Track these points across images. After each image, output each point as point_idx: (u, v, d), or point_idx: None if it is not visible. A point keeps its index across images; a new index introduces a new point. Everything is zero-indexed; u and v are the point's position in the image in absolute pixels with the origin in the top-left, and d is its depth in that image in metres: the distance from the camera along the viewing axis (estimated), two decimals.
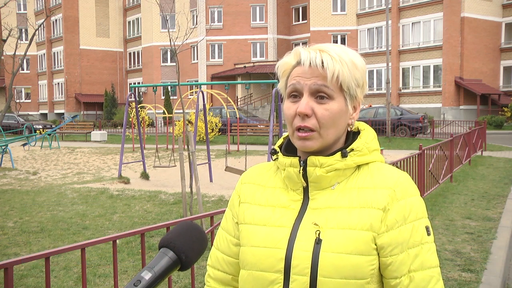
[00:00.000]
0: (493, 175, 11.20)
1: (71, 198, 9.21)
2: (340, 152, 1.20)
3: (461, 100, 32.97)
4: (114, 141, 25.90)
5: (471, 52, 33.07)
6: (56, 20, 49.47)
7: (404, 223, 1.16)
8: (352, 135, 1.27)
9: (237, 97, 39.78)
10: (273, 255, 1.19)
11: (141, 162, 12.74)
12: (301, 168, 1.21)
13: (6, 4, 18.38)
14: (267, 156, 11.22)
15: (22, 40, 38.87)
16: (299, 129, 1.19)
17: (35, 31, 17.86)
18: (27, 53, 21.25)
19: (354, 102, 1.23)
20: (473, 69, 33.09)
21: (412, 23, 34.55)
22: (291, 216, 1.21)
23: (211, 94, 27.53)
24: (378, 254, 1.16)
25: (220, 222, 3.28)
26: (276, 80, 11.56)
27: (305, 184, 1.22)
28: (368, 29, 36.94)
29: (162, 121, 32.67)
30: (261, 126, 23.85)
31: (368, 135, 1.25)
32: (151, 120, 30.97)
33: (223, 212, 3.30)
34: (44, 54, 51.19)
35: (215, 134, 23.61)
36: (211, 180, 11.53)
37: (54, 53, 50.36)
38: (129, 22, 51.56)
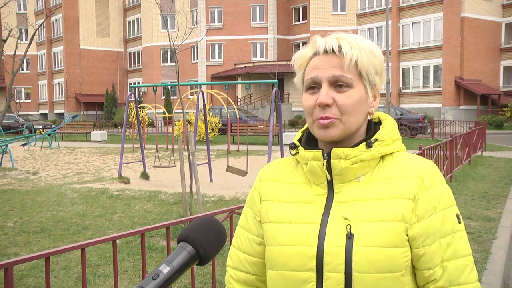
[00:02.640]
0: (493, 175, 11.19)
1: (71, 198, 9.21)
2: (364, 142, 1.18)
3: (461, 100, 32.97)
4: (114, 141, 25.90)
5: (471, 52, 33.07)
6: (56, 20, 49.46)
7: (434, 212, 1.14)
8: (373, 125, 1.25)
9: (237, 97, 39.78)
10: (303, 253, 1.15)
11: (141, 162, 12.74)
12: (325, 161, 1.18)
13: (6, 4, 18.37)
14: (267, 156, 11.21)
15: (22, 40, 38.86)
16: (320, 119, 1.16)
17: (35, 31, 17.83)
18: (27, 53, 21.25)
19: (373, 90, 1.21)
20: (473, 69, 33.09)
21: (412, 23, 34.55)
22: (318, 211, 1.18)
23: (211, 94, 27.52)
24: (410, 245, 1.14)
25: (221, 221, 3.26)
26: (276, 80, 11.59)
27: (329, 177, 1.19)
28: (368, 29, 36.94)
29: (162, 121, 32.67)
30: (261, 126, 23.85)
31: (390, 124, 1.23)
32: (151, 120, 30.97)
33: (223, 212, 3.30)
34: (44, 54, 51.19)
35: (215, 134, 23.61)
36: (211, 180, 11.53)
37: (54, 53, 50.35)
38: (129, 22, 51.56)
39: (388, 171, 1.18)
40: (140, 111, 21.86)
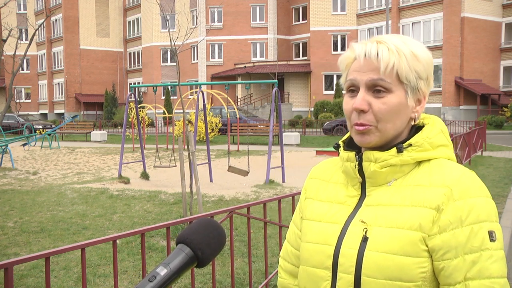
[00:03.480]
0: (493, 175, 11.19)
1: (71, 198, 9.20)
2: (396, 147, 1.15)
3: (461, 100, 32.97)
4: (114, 141, 25.89)
5: (471, 52, 33.07)
6: (56, 20, 49.46)
7: (460, 226, 1.07)
8: (415, 130, 1.21)
9: (237, 97, 39.78)
10: (323, 251, 1.17)
11: (141, 162, 12.74)
12: (357, 163, 1.18)
13: (6, 4, 18.37)
14: (267, 156, 11.21)
15: (22, 40, 38.85)
16: (356, 124, 1.15)
17: (35, 31, 17.83)
18: (27, 53, 21.24)
19: (417, 95, 1.17)
20: (473, 69, 33.09)
21: (412, 23, 34.56)
22: (346, 212, 1.19)
23: (211, 94, 27.51)
24: (431, 257, 1.09)
25: (221, 221, 3.26)
26: (276, 80, 11.57)
27: (361, 180, 1.19)
28: (368, 29, 36.93)
29: (162, 121, 32.66)
30: (261, 126, 23.85)
31: (432, 129, 1.18)
32: (151, 120, 30.97)
33: (224, 212, 3.30)
34: (44, 54, 51.19)
35: (215, 134, 23.61)
36: (211, 180, 11.53)
37: (54, 53, 50.35)
38: (129, 22, 51.56)
39: (418, 178, 1.14)
40: (140, 111, 21.86)
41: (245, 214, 3.46)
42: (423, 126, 1.21)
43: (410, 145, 1.15)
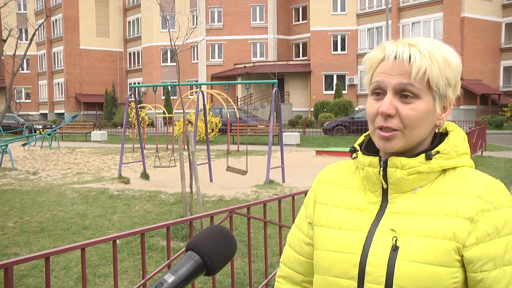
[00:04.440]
0: (493, 175, 11.08)
1: (71, 198, 9.21)
2: (424, 154, 1.12)
3: (461, 100, 32.95)
4: (114, 141, 25.90)
5: (471, 52, 33.07)
6: (56, 20, 49.46)
7: (497, 236, 1.05)
8: (439, 137, 1.18)
9: (237, 97, 39.77)
10: (347, 261, 1.13)
11: (141, 162, 12.74)
12: (381, 168, 1.14)
13: (6, 4, 18.37)
14: (267, 156, 11.21)
15: (22, 40, 38.83)
16: (381, 128, 1.11)
17: (35, 31, 17.83)
18: (27, 53, 21.23)
19: (444, 102, 1.14)
20: (473, 69, 33.08)
21: (412, 23, 34.56)
22: (368, 219, 1.14)
23: (211, 94, 27.51)
24: (466, 268, 1.07)
25: (219, 223, 3.26)
26: (276, 80, 11.57)
27: (385, 186, 1.14)
28: (368, 29, 36.93)
29: (162, 121, 32.66)
30: (261, 126, 23.85)
31: (457, 137, 1.16)
32: (151, 120, 30.97)
33: (223, 212, 3.30)
34: (44, 54, 51.19)
35: (215, 134, 23.61)
36: (211, 180, 11.53)
37: (54, 53, 50.35)
38: (129, 22, 51.56)
39: (447, 187, 1.11)
40: (140, 111, 21.86)
41: (245, 214, 3.46)
42: (444, 133, 1.19)
43: (438, 152, 1.12)
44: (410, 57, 1.09)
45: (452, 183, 1.11)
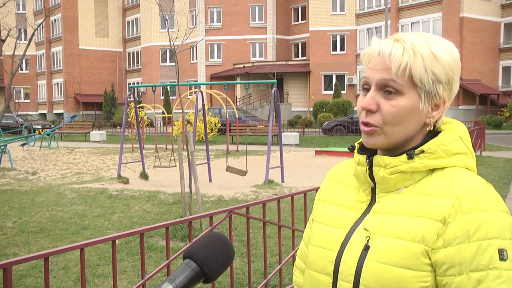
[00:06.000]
0: (492, 175, 11.20)
1: (70, 198, 9.20)
2: (406, 153, 1.09)
3: (460, 100, 32.99)
4: (113, 141, 25.89)
5: (470, 52, 33.09)
6: (55, 20, 49.44)
7: (466, 241, 0.99)
8: (430, 135, 1.13)
9: (236, 97, 39.78)
10: (326, 257, 1.14)
11: (140, 162, 12.74)
12: (367, 167, 1.13)
13: (5, 4, 18.36)
14: (266, 156, 11.21)
15: (21, 40, 38.84)
16: (364, 123, 1.10)
17: (34, 31, 17.80)
18: (26, 53, 21.23)
19: (434, 99, 1.09)
20: (472, 69, 33.11)
21: (411, 23, 34.58)
22: (353, 217, 1.14)
23: (210, 94, 27.52)
24: (435, 271, 1.03)
25: (218, 223, 3.25)
26: (275, 80, 11.58)
27: (372, 185, 1.14)
28: (367, 29, 36.95)
29: (161, 121, 32.66)
30: (260, 126, 23.86)
31: (448, 135, 1.10)
32: (150, 120, 30.96)
33: (223, 212, 3.30)
34: (43, 54, 51.17)
35: (214, 134, 23.61)
36: (210, 180, 11.53)
37: (53, 53, 50.33)
38: (128, 22, 51.55)
39: (429, 187, 1.07)
40: (139, 111, 21.85)
41: (244, 214, 3.46)
42: (440, 131, 1.14)
43: (423, 151, 1.08)
44: (390, 53, 1.07)
45: (434, 184, 1.07)
